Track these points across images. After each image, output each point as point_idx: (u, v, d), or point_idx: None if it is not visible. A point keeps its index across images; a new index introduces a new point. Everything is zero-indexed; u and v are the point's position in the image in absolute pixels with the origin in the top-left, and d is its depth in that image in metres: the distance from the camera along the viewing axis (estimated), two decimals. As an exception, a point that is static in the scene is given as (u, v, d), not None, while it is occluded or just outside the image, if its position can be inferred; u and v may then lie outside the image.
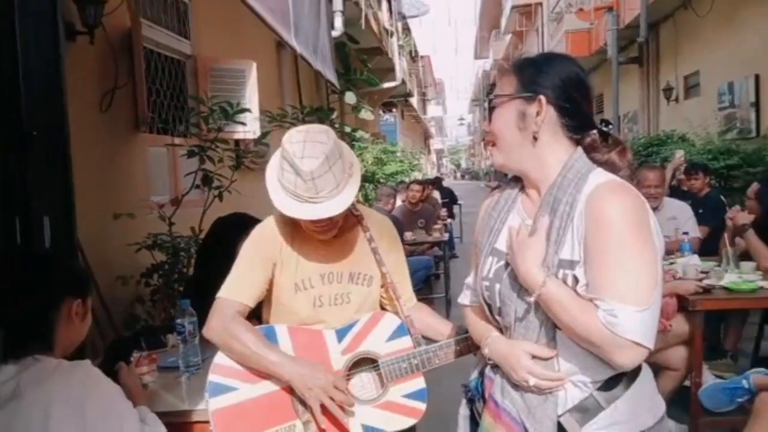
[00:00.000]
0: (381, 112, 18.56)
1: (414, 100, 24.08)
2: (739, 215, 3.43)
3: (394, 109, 21.08)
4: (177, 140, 4.27)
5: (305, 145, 1.63)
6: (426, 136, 43.03)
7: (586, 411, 1.23)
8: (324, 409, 1.65)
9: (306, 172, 1.61)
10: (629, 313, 1.14)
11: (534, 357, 1.26)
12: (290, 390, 1.70)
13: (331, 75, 4.20)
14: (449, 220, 9.86)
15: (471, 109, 67.26)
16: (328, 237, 1.79)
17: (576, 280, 1.21)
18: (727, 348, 3.84)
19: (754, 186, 4.02)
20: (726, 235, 3.61)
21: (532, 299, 1.23)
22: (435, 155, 60.13)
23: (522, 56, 1.39)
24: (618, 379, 1.24)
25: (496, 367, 1.35)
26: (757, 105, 7.72)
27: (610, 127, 1.35)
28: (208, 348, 2.11)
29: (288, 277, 1.80)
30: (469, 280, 1.49)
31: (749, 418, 2.43)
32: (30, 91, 2.50)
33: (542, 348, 1.26)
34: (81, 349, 1.67)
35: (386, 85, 13.11)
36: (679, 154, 5.94)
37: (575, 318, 1.18)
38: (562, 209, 1.24)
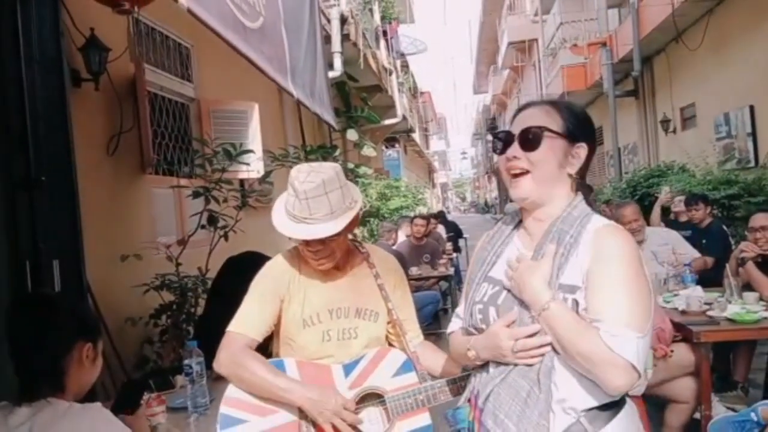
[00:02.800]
0: (384, 147, 18.72)
1: (416, 136, 24.28)
2: (750, 249, 3.53)
3: (396, 144, 21.25)
4: (182, 181, 4.34)
5: (309, 173, 1.75)
6: (430, 170, 43.27)
7: None
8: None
9: (301, 191, 1.71)
10: (630, 336, 1.22)
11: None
12: (299, 421, 1.73)
13: (329, 117, 4.30)
14: (455, 254, 9.86)
15: (473, 142, 67.73)
16: (324, 266, 1.84)
17: (576, 303, 1.30)
18: (737, 379, 3.81)
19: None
20: (729, 266, 3.64)
21: (535, 315, 1.30)
22: (440, 189, 60.36)
23: (557, 100, 1.52)
24: (604, 409, 1.29)
25: (487, 397, 1.36)
26: (754, 135, 7.80)
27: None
28: (215, 389, 2.13)
29: (296, 312, 1.84)
30: (459, 309, 1.55)
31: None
32: (37, 137, 2.57)
33: (522, 329, 1.32)
34: (92, 391, 1.69)
35: (387, 121, 13.25)
36: (666, 191, 6.23)
37: (577, 335, 1.24)
38: (567, 240, 1.34)
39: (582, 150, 1.39)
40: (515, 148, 1.38)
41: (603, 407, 1.28)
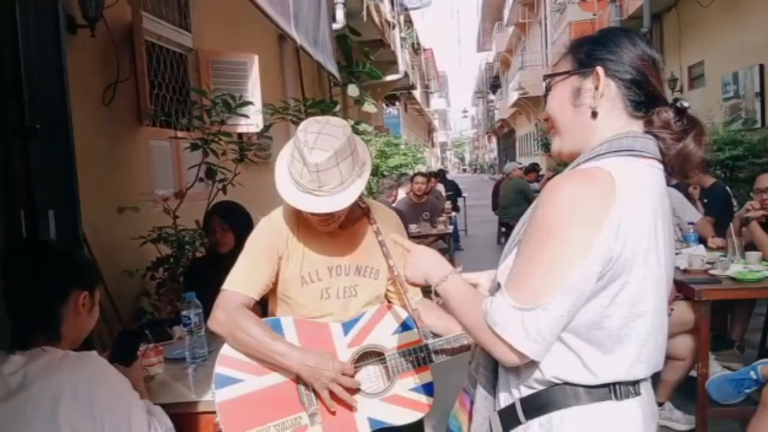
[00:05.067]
0: (384, 105, 18.51)
1: (417, 93, 24.02)
2: (754, 209, 3.48)
3: (397, 102, 21.02)
4: (180, 133, 4.26)
5: (318, 136, 1.62)
6: (429, 129, 42.96)
7: (507, 418, 1.15)
8: (332, 399, 1.65)
9: (312, 164, 1.60)
10: (505, 306, 1.05)
11: None
12: (297, 382, 1.70)
13: (332, 67, 4.18)
14: (453, 213, 9.84)
15: (474, 101, 67.08)
16: (329, 229, 1.78)
17: None
18: (733, 338, 3.83)
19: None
20: (732, 226, 3.61)
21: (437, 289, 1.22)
22: (439, 148, 60.03)
23: (580, 37, 1.28)
24: (544, 395, 1.10)
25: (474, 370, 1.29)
26: (762, 95, 7.67)
27: (686, 105, 1.17)
28: (215, 340, 2.12)
29: (294, 270, 1.80)
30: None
31: (757, 408, 2.42)
32: (32, 85, 2.49)
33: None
34: (88, 341, 1.67)
35: (389, 77, 13.06)
36: None
37: (464, 308, 1.14)
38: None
39: (595, 77, 1.14)
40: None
41: (546, 394, 1.10)
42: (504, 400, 1.17)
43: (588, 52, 1.18)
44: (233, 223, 2.85)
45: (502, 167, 26.23)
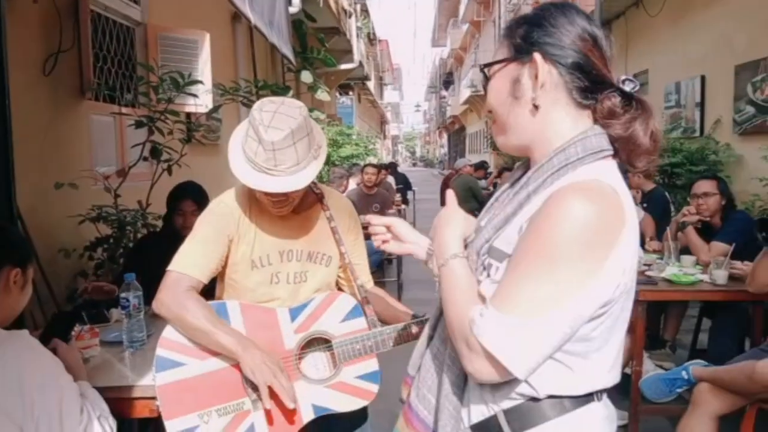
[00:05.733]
0: (338, 94, 18.39)
1: (371, 84, 23.97)
2: (690, 214, 3.63)
3: (350, 92, 20.91)
4: (124, 110, 4.10)
5: (275, 115, 1.59)
6: (382, 122, 42.95)
7: None
8: (272, 392, 1.62)
9: (268, 142, 1.56)
10: (493, 313, 0.94)
11: None
12: (240, 367, 1.66)
13: (287, 50, 4.11)
14: (403, 206, 9.88)
15: (427, 96, 67.44)
16: (282, 212, 1.75)
17: (497, 271, 1.03)
18: (666, 338, 3.98)
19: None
20: (669, 230, 3.75)
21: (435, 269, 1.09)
22: (391, 141, 60.17)
23: (516, 18, 1.13)
24: (532, 407, 1.01)
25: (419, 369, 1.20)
26: (702, 105, 7.99)
27: (635, 87, 1.05)
28: (153, 323, 2.05)
29: (245, 253, 1.75)
30: None
31: (687, 407, 2.52)
32: (-33, 50, 2.34)
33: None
34: (20, 320, 1.58)
35: (343, 66, 12.98)
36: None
37: (455, 302, 1.02)
38: (522, 196, 1.04)
39: (533, 64, 1.02)
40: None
41: (531, 404, 1.01)
42: (478, 413, 1.06)
43: (524, 36, 1.05)
44: (203, 208, 2.77)
45: (452, 163, 26.47)
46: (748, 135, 6.41)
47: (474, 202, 9.21)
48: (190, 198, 2.81)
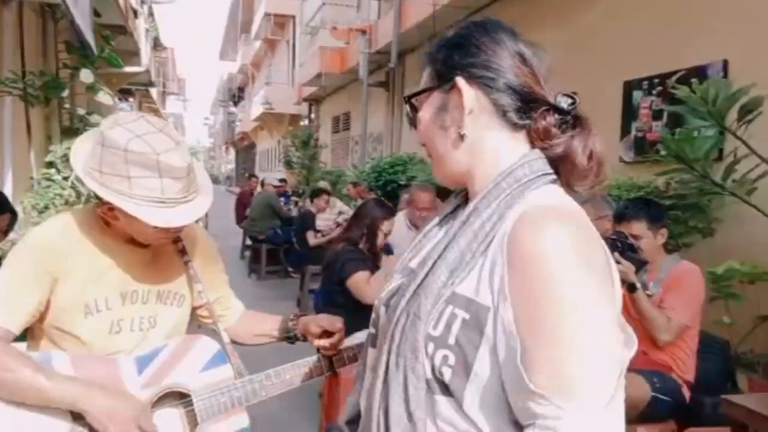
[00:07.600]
0: (117, 99, 16.77)
1: (154, 92, 22.39)
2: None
3: (131, 98, 19.27)
4: None
5: (159, 135, 1.30)
6: (163, 132, 40.34)
7: None
8: None
9: (181, 168, 1.28)
10: (583, 417, 0.76)
11: None
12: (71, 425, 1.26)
13: (89, 37, 3.53)
14: (200, 223, 9.26)
15: (213, 110, 65.33)
16: (169, 237, 1.44)
17: (464, 322, 0.84)
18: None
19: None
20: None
21: None
22: (171, 154, 56.78)
23: (437, 41, 1.02)
24: None
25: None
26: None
27: (572, 103, 0.96)
28: None
29: (74, 297, 1.34)
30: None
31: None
32: None
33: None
34: None
35: (129, 69, 11.87)
36: None
37: None
38: (478, 227, 0.89)
39: (456, 91, 0.94)
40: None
41: None
42: None
43: (444, 60, 0.97)
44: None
45: (239, 179, 25.55)
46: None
47: (275, 218, 9.04)
48: None
